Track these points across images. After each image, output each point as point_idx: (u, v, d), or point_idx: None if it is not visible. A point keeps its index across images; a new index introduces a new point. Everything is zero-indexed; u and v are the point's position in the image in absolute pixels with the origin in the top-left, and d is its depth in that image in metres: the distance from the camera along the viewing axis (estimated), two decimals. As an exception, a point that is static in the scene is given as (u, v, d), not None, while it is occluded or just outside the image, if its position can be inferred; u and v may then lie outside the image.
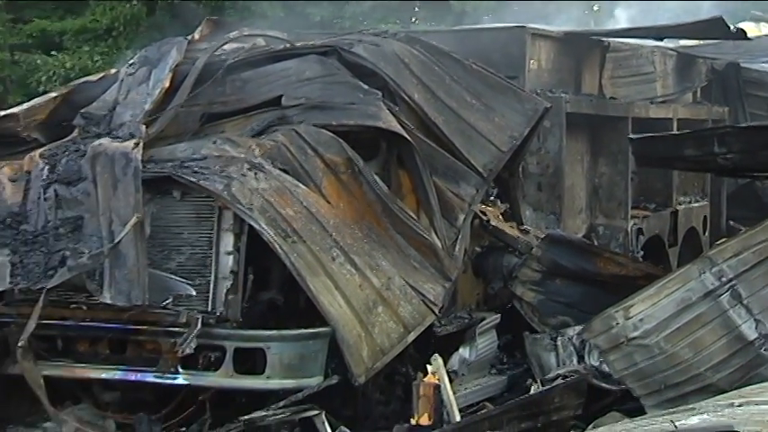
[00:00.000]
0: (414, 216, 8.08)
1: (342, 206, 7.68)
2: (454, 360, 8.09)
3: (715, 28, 11.18)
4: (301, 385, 7.01)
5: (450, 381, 7.42)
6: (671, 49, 12.88)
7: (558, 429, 5.51)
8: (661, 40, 12.39)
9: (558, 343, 8.30)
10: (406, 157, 8.24)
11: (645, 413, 7.10)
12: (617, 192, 11.23)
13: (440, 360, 7.29)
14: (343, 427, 7.10)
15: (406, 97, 8.44)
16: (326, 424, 6.59)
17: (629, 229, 11.18)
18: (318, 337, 7.12)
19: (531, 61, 10.27)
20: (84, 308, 7.13)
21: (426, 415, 6.95)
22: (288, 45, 9.04)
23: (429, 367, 7.25)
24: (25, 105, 8.34)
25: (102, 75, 8.92)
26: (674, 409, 6.21)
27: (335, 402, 7.19)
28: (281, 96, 8.27)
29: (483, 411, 6.96)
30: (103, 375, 7.27)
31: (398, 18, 18.61)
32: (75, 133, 7.83)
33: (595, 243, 10.52)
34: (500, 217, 9.25)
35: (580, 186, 11.04)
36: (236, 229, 7.16)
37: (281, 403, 6.86)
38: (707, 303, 7.47)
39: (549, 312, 8.79)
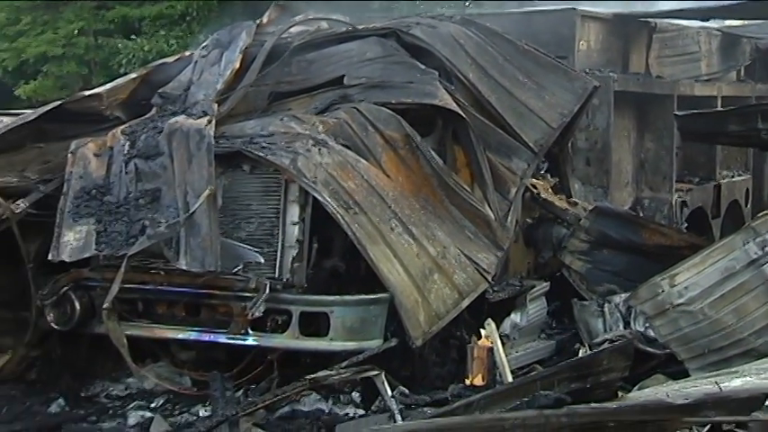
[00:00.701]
0: (468, 189, 8.05)
1: (400, 180, 7.68)
2: (506, 325, 8.09)
3: (761, 8, 11.01)
4: (362, 347, 7.03)
5: (502, 344, 7.43)
6: (716, 29, 12.69)
7: (605, 390, 5.49)
8: (707, 20, 12.21)
9: (605, 309, 8.27)
10: (461, 133, 8.22)
11: (688, 376, 7.06)
12: (662, 166, 11.12)
13: (493, 325, 7.29)
14: (401, 387, 7.13)
15: (461, 76, 8.40)
16: (386, 383, 6.62)
17: (673, 202, 11.07)
18: (378, 302, 7.14)
19: (581, 42, 10.19)
20: (162, 273, 7.22)
21: (480, 376, 6.96)
22: (350, 28, 9.04)
23: (483, 331, 7.25)
24: (108, 86, 8.44)
25: (177, 57, 9.00)
26: (718, 372, 6.18)
27: (394, 363, 7.21)
28: (343, 76, 8.28)
29: (535, 372, 6.96)
30: (180, 336, 7.37)
31: (453, 3, 18.49)
32: (153, 111, 7.91)
33: (641, 215, 10.44)
34: (550, 190, 9.21)
35: (627, 161, 10.94)
36: (302, 201, 7.20)
37: (344, 364, 6.88)
38: (750, 272, 7.37)
39: (597, 281, 8.75)
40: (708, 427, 5.62)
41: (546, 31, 9.83)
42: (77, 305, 7.31)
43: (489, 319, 7.40)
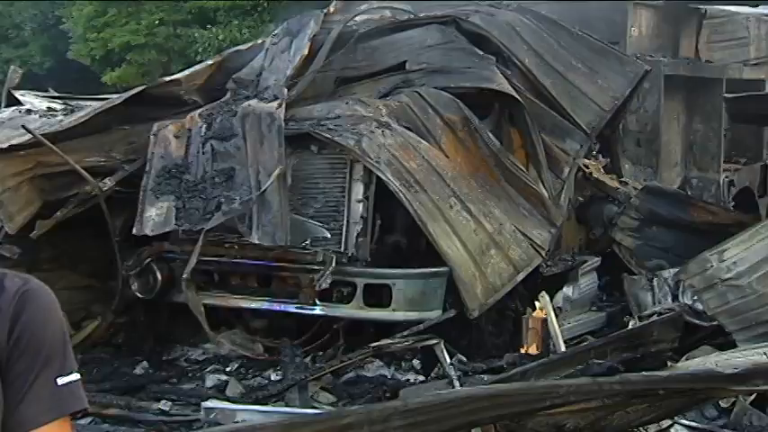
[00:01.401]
0: (523, 169, 8.00)
1: (459, 160, 7.65)
2: (559, 297, 8.03)
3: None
4: (422, 317, 7.04)
5: (555, 316, 7.38)
6: (765, 15, 12.41)
7: (655, 360, 5.45)
8: (756, 6, 11.97)
9: (654, 283, 8.16)
10: (517, 115, 8.16)
11: (735, 347, 6.95)
12: (710, 147, 10.94)
13: (547, 297, 7.24)
14: (459, 355, 7.12)
15: (518, 62, 8.33)
16: (445, 352, 6.62)
17: (721, 181, 10.88)
18: (438, 275, 7.13)
19: (633, 28, 10.05)
20: (236, 247, 7.27)
21: (535, 345, 6.93)
22: (411, 16, 9.00)
23: (537, 303, 7.21)
24: (186, 72, 8.49)
25: (250, 45, 9.03)
26: (765, 343, 6.08)
27: (453, 333, 7.20)
28: (405, 62, 8.26)
29: (588, 342, 6.90)
30: (253, 305, 7.42)
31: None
32: (227, 96, 7.94)
33: (689, 194, 10.29)
34: (602, 170, 9.12)
35: (675, 142, 10.78)
36: (366, 180, 7.21)
37: (405, 332, 6.90)
38: (796, 248, 7.26)
39: (646, 256, 8.64)
40: (753, 396, 5.55)
41: (599, 18, 9.70)
42: (159, 276, 7.38)
43: (544, 292, 7.35)
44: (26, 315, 1.72)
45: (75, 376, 1.76)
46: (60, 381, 1.73)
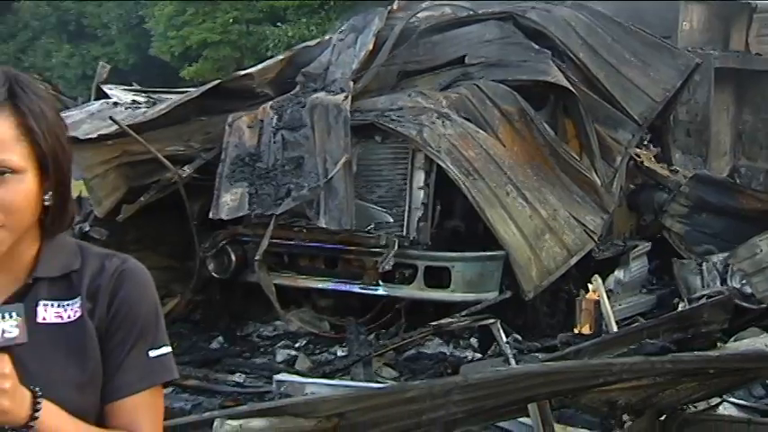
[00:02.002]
0: (577, 158, 7.92)
1: (515, 149, 7.59)
2: (610, 280, 7.92)
3: None
4: (480, 298, 7.01)
5: (607, 298, 7.30)
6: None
7: (705, 340, 5.37)
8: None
9: (703, 267, 8.01)
10: (571, 107, 8.07)
11: (783, 330, 6.83)
12: (759, 137, 10.69)
13: (599, 280, 7.15)
14: (515, 334, 7.08)
15: (572, 56, 8.24)
16: (501, 331, 6.58)
17: (769, 170, 10.67)
18: (495, 258, 7.09)
19: (684, 23, 9.85)
20: (305, 231, 7.30)
21: (588, 325, 6.86)
22: (471, 13, 8.94)
23: (590, 286, 7.13)
24: (259, 66, 8.52)
25: (318, 41, 9.05)
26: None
27: (508, 313, 7.16)
28: (464, 56, 8.21)
29: (640, 323, 6.81)
30: (320, 285, 7.44)
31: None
32: (297, 88, 7.96)
33: (738, 182, 10.08)
34: (652, 159, 8.97)
35: (725, 132, 10.55)
36: (427, 168, 7.18)
37: (463, 312, 6.87)
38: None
39: (695, 242, 8.49)
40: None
41: (652, 14, 9.53)
42: (233, 257, 7.44)
43: (596, 275, 7.27)
44: (123, 291, 1.74)
45: (167, 349, 1.78)
46: (152, 353, 1.75)
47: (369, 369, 6.51)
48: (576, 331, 6.96)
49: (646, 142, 9.00)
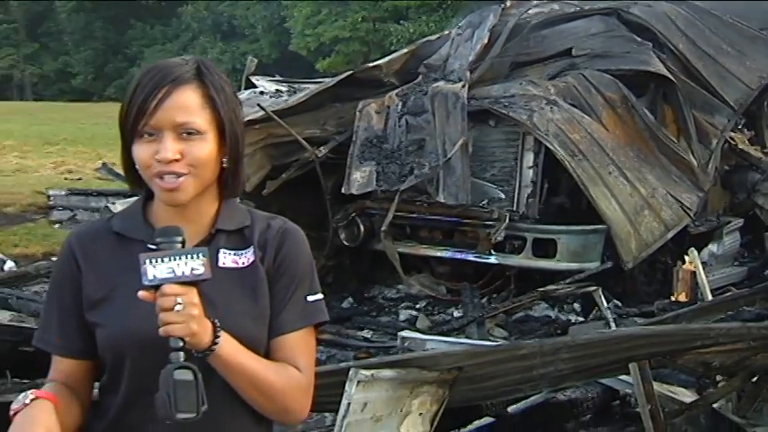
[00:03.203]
0: (675, 141, 7.65)
1: (617, 133, 7.39)
2: (704, 253, 7.66)
3: None
4: (583, 267, 6.88)
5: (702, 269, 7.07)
6: None
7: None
8: None
9: (793, 242, 7.68)
10: (670, 94, 7.80)
11: None
12: None
13: (695, 252, 6.93)
14: (615, 300, 6.94)
15: (672, 47, 7.95)
16: (602, 297, 6.46)
17: None
18: (597, 232, 6.94)
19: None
20: (426, 205, 7.28)
21: (684, 293, 6.66)
22: (577, 9, 8.73)
23: (686, 258, 6.92)
24: (386, 59, 8.52)
25: (438, 36, 8.99)
26: None
27: (609, 282, 7.00)
28: (571, 48, 8.02)
29: (734, 292, 6.56)
30: (438, 254, 7.43)
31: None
32: (419, 78, 7.95)
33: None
34: (746, 142, 8.59)
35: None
36: (536, 149, 7.06)
37: (568, 280, 6.77)
38: None
39: (786, 218, 8.14)
40: None
41: (748, 6, 9.10)
42: (362, 228, 7.50)
43: (692, 248, 7.05)
44: (286, 246, 1.85)
45: (320, 296, 1.88)
46: (309, 298, 1.86)
47: (482, 329, 6.48)
48: (672, 299, 6.76)
49: (740, 126, 8.63)
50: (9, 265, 8.98)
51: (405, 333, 5.90)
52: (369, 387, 2.88)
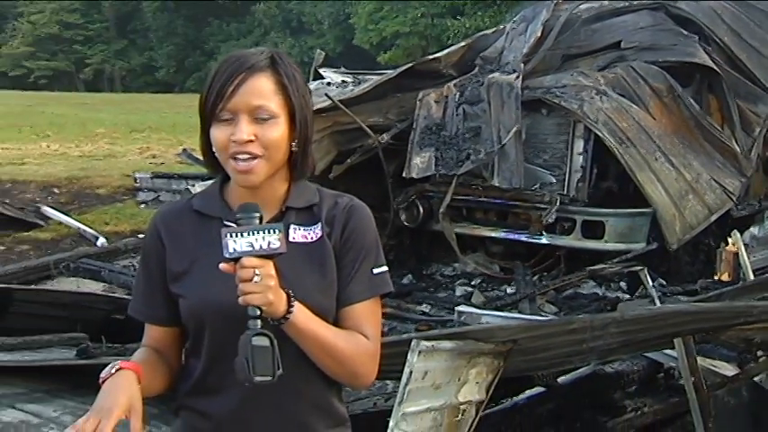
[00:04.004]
0: (719, 128, 7.46)
1: (664, 121, 7.23)
2: (746, 236, 7.46)
3: None
4: (630, 248, 6.78)
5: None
6: None
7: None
8: None
9: (833, 226, 7.44)
10: (715, 84, 7.60)
11: None
12: None
13: (738, 234, 6.76)
14: (660, 279, 6.82)
15: (717, 39, 7.73)
16: (648, 276, 6.35)
17: None
18: (643, 215, 6.84)
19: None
20: (481, 188, 7.25)
21: (726, 273, 6.51)
22: (626, 3, 8.54)
23: (729, 239, 6.76)
24: (444, 52, 8.45)
25: (494, 30, 8.90)
26: None
27: (654, 261, 6.88)
28: (620, 41, 7.85)
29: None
30: (492, 234, 7.39)
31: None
32: (476, 70, 7.87)
33: None
34: (789, 130, 8.34)
35: None
36: (586, 137, 6.95)
37: (615, 260, 6.68)
38: None
39: (826, 203, 7.88)
40: None
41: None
42: (421, 209, 7.50)
43: (735, 230, 6.88)
44: (353, 222, 1.84)
45: (385, 269, 1.87)
46: (375, 270, 1.84)
47: (533, 305, 6.44)
48: (715, 278, 6.62)
49: (783, 115, 8.37)
50: (101, 241, 9.20)
51: (461, 308, 5.90)
52: (429, 357, 2.88)
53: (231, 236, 1.65)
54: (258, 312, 1.64)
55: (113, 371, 1.71)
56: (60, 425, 2.93)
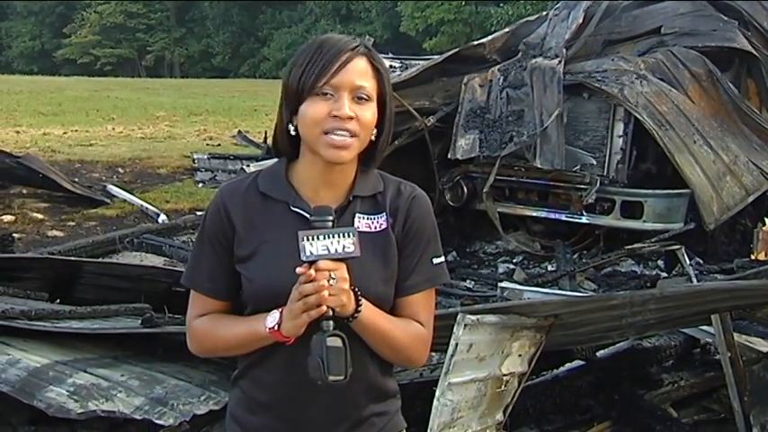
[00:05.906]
0: (757, 112, 7.30)
1: (702, 105, 7.09)
2: (783, 217, 7.32)
3: None
4: (667, 228, 6.67)
5: (780, 231, 6.73)
6: None
7: None
8: None
9: None
10: (754, 69, 7.45)
11: None
12: None
13: (774, 215, 6.63)
14: (697, 258, 6.71)
15: (757, 25, 7.55)
16: (685, 255, 6.25)
17: None
18: (681, 195, 6.72)
19: None
20: (523, 169, 7.19)
21: (763, 252, 6.38)
22: (666, -10, 8.35)
23: (766, 220, 6.61)
24: (489, 38, 8.34)
25: (537, 16, 8.76)
26: None
27: (691, 241, 6.75)
28: (660, 27, 7.69)
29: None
30: (534, 213, 7.34)
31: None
32: (519, 55, 7.76)
33: None
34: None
35: None
36: (626, 120, 6.84)
37: (653, 239, 6.58)
38: None
39: None
40: None
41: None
42: (465, 189, 7.46)
43: (772, 211, 6.74)
44: (414, 212, 1.80)
45: (443, 258, 1.83)
46: (435, 261, 1.80)
47: (573, 282, 6.39)
48: (752, 257, 6.49)
49: (822, 98, 8.12)
50: (162, 218, 9.36)
51: (504, 284, 5.87)
52: (474, 330, 2.88)
53: (308, 239, 1.61)
54: (331, 313, 1.62)
55: (277, 315, 1.68)
56: (127, 388, 3.01)
